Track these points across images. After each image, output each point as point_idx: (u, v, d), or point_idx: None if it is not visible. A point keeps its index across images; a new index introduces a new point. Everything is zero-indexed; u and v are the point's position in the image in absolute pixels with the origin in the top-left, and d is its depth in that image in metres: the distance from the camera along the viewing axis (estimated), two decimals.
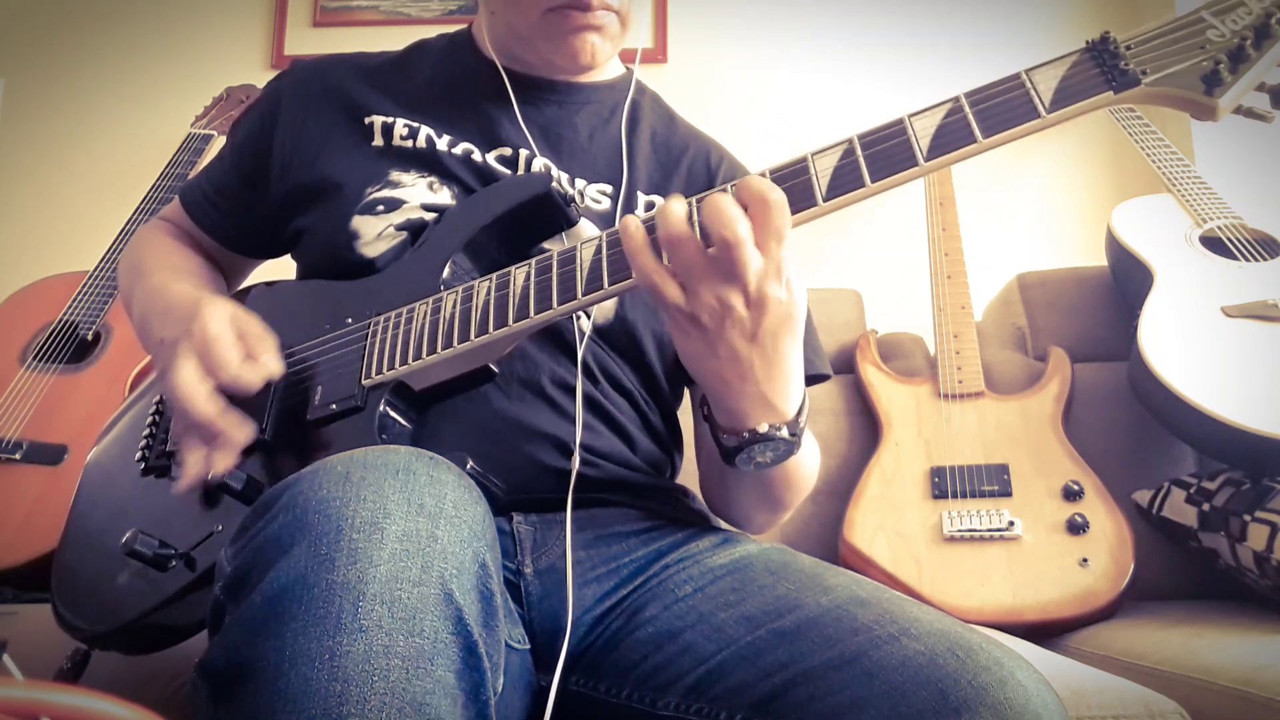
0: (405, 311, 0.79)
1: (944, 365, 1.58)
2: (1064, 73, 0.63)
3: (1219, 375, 1.33)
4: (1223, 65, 0.61)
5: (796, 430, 0.72)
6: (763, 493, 0.86)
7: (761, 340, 0.67)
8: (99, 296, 1.71)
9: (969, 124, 0.64)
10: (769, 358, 0.68)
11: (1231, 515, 1.27)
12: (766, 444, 0.71)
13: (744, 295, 0.65)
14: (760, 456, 0.73)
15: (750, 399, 0.70)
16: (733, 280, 0.64)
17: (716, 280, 0.64)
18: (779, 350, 0.68)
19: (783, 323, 0.67)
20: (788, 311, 0.67)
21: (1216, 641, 1.08)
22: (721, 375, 0.69)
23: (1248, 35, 0.61)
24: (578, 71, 0.94)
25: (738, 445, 0.72)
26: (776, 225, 0.64)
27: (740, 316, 0.66)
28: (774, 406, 0.70)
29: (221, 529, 0.75)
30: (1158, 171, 1.72)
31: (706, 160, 0.99)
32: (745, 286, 0.64)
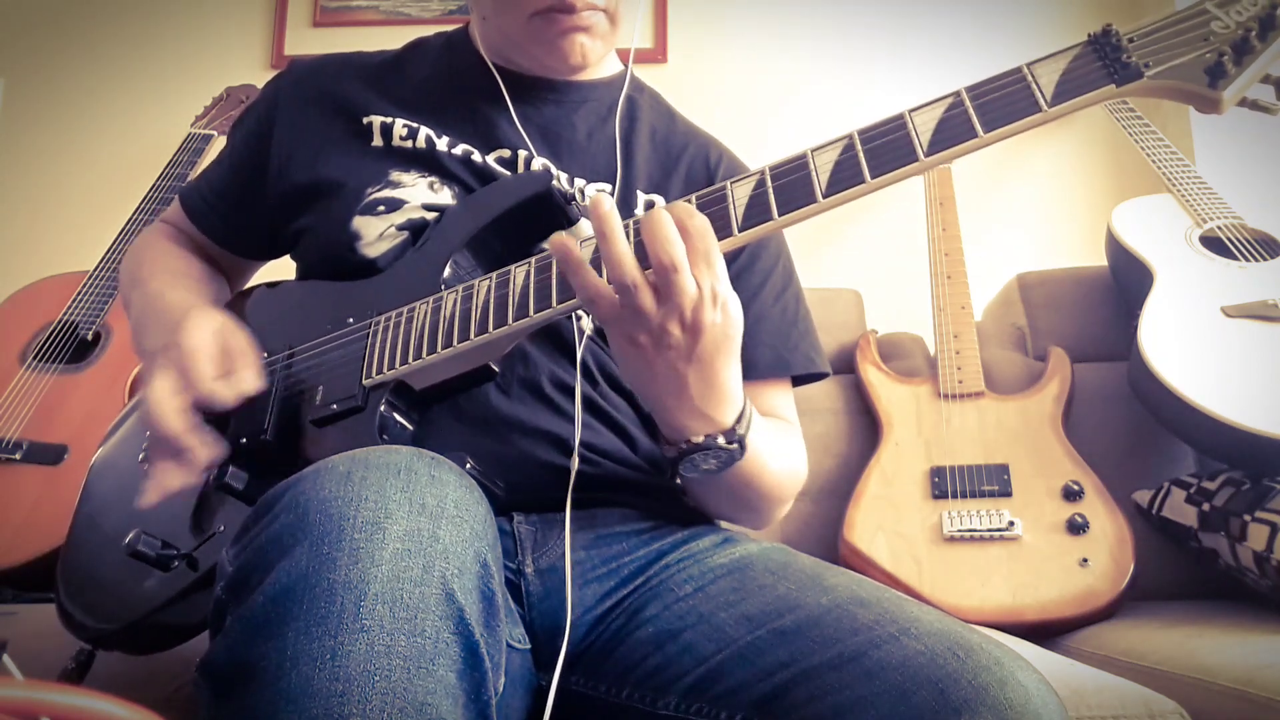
0: (406, 311, 0.79)
1: (944, 365, 1.58)
2: (1066, 66, 0.63)
3: (1219, 375, 1.33)
4: (1226, 57, 0.60)
5: (734, 437, 0.72)
6: (730, 498, 0.85)
7: (697, 361, 0.68)
8: (99, 297, 1.70)
9: (970, 118, 0.63)
10: (705, 377, 0.69)
11: (1231, 515, 1.27)
12: (706, 453, 0.72)
13: (680, 321, 0.66)
14: (704, 464, 0.74)
15: (687, 413, 0.71)
16: (669, 305, 0.65)
17: (654, 304, 0.65)
18: (714, 370, 0.69)
19: (718, 345, 0.68)
20: (724, 333, 0.67)
21: (1216, 641, 1.08)
22: (659, 393, 0.71)
23: (1252, 27, 0.60)
24: (570, 72, 0.94)
25: (677, 456, 0.73)
26: (703, 250, 0.65)
27: (676, 339, 0.67)
28: (710, 418, 0.71)
29: (224, 529, 0.75)
30: (1158, 171, 1.72)
31: (706, 158, 0.99)
32: (681, 312, 0.65)
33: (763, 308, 0.93)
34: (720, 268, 0.66)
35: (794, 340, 0.93)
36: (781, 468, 0.84)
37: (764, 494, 0.84)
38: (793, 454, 0.89)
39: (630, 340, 0.68)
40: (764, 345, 0.92)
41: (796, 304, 0.96)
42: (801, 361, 0.93)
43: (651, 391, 0.72)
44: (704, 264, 0.65)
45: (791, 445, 0.90)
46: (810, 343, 0.95)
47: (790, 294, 0.96)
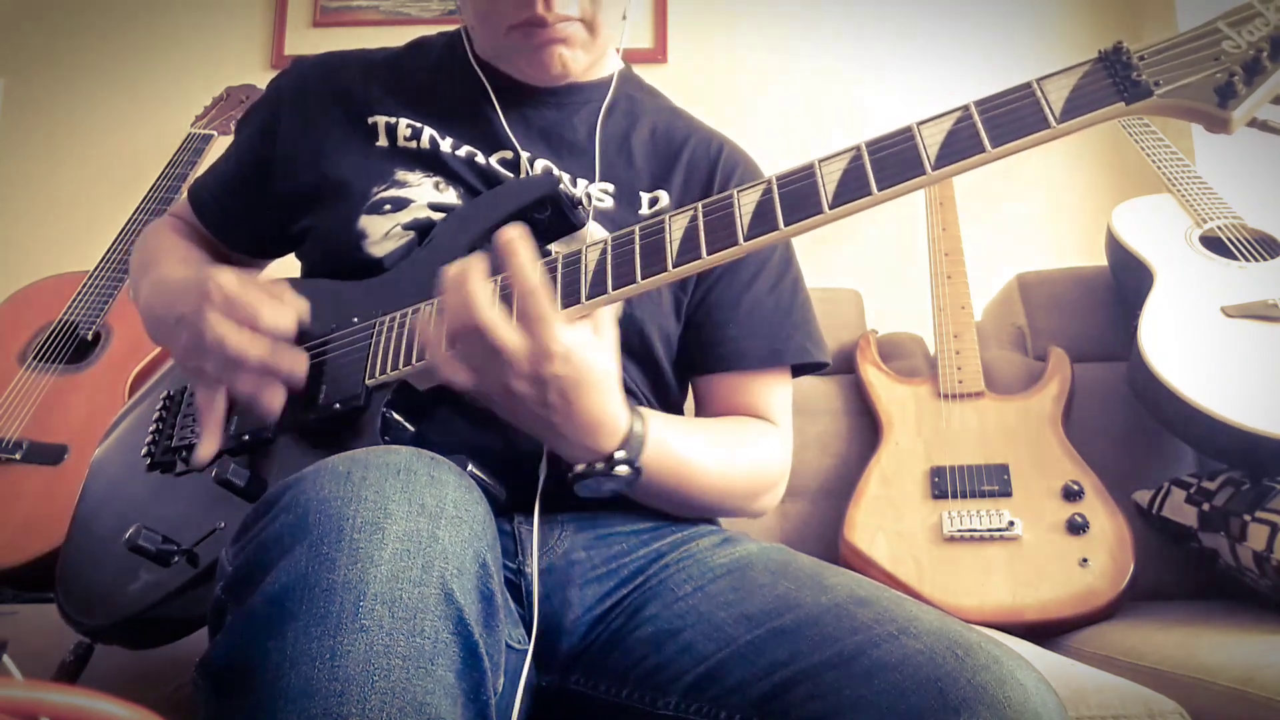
0: (410, 311, 0.79)
1: (944, 365, 1.58)
2: (1075, 82, 0.62)
3: (1219, 375, 1.33)
4: (1237, 77, 0.60)
5: (616, 463, 0.73)
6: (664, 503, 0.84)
7: (552, 405, 0.69)
8: (99, 296, 1.70)
9: (978, 133, 0.63)
10: (567, 415, 0.70)
11: (1231, 515, 1.27)
12: (596, 478, 0.74)
13: (519, 375, 0.67)
14: (604, 486, 0.75)
15: (565, 446, 0.73)
16: (503, 363, 0.67)
17: (491, 363, 0.67)
18: (574, 409, 0.70)
19: (572, 389, 0.69)
20: (571, 379, 0.68)
21: (1216, 641, 1.08)
22: (529, 430, 0.73)
23: (1264, 47, 0.60)
24: (552, 81, 0.94)
25: (571, 480, 0.75)
26: (534, 312, 0.66)
27: (523, 390, 0.68)
28: (588, 448, 0.73)
29: (224, 525, 0.75)
30: (1158, 171, 1.72)
31: (707, 149, 0.98)
32: (517, 368, 0.67)
33: (756, 298, 0.92)
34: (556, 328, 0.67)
35: (787, 331, 0.93)
36: (720, 468, 0.84)
37: (702, 494, 0.83)
38: (745, 449, 0.88)
39: (486, 396, 0.70)
40: (757, 336, 0.91)
41: (793, 294, 0.96)
42: (795, 351, 0.93)
43: (524, 429, 0.73)
44: (538, 324, 0.66)
45: (744, 440, 0.89)
46: (806, 332, 0.95)
47: (786, 284, 0.95)
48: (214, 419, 0.80)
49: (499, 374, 0.68)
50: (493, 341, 0.66)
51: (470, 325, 0.66)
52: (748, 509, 0.89)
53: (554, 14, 0.86)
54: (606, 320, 0.71)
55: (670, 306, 0.91)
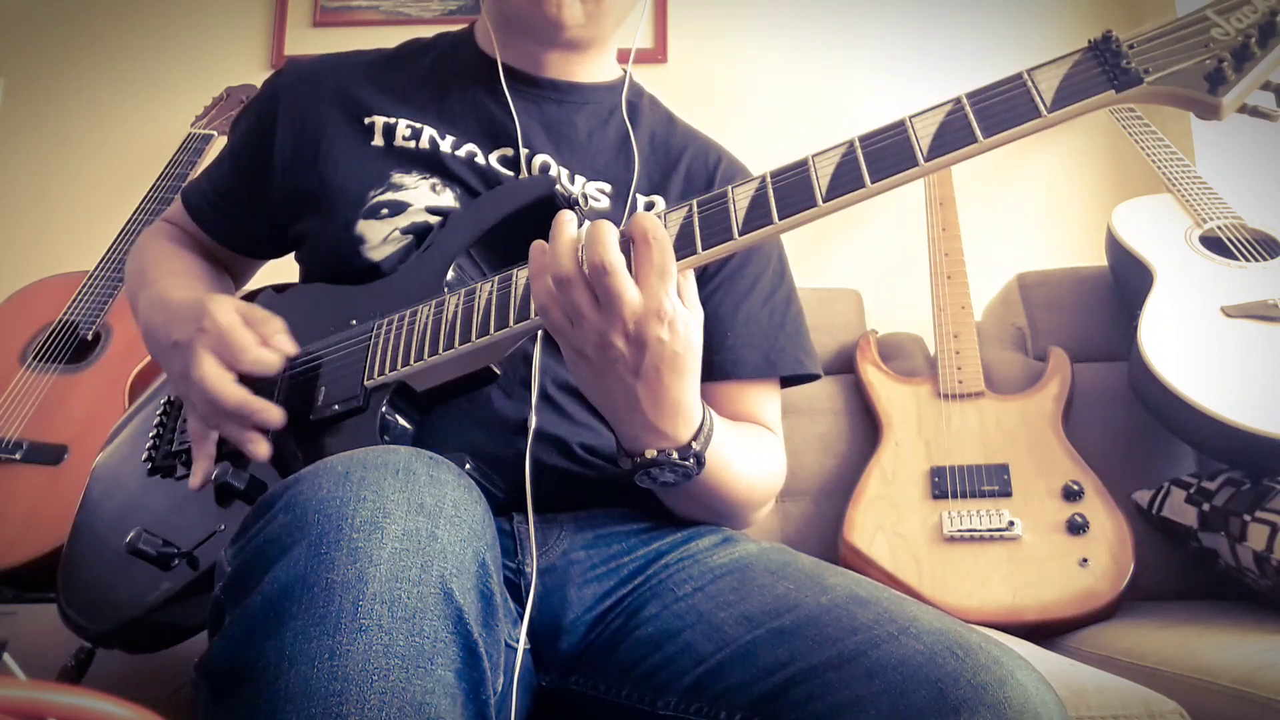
0: (408, 314, 0.79)
1: (944, 365, 1.58)
2: (1066, 72, 0.63)
3: (1219, 375, 1.33)
4: (1226, 64, 0.60)
5: (689, 454, 0.72)
6: (694, 506, 0.84)
7: (645, 376, 0.67)
8: (99, 296, 1.71)
9: (970, 124, 0.63)
10: (654, 392, 0.68)
11: (1231, 515, 1.27)
12: (661, 467, 0.72)
13: (623, 333, 0.65)
14: (662, 478, 0.73)
15: (639, 426, 0.71)
16: (611, 317, 0.64)
17: (597, 316, 0.65)
18: (664, 386, 0.68)
19: (667, 362, 0.67)
20: (672, 350, 0.66)
21: (1216, 641, 1.08)
22: (609, 404, 0.71)
23: (1252, 33, 0.60)
24: (548, 28, 0.91)
25: (632, 469, 0.73)
26: (657, 262, 0.64)
27: (621, 353, 0.66)
28: (664, 433, 0.71)
29: (224, 528, 0.76)
30: (1158, 171, 1.72)
31: (705, 159, 0.99)
32: (624, 325, 0.64)
33: (752, 309, 0.93)
34: (673, 286, 0.65)
35: (781, 342, 0.93)
36: (750, 476, 0.84)
37: (730, 501, 0.83)
38: (765, 460, 0.89)
39: (577, 352, 0.68)
40: (751, 347, 0.92)
41: (786, 306, 0.96)
42: (789, 363, 0.93)
43: (603, 404, 0.72)
44: (655, 277, 0.64)
45: (764, 452, 0.89)
46: (799, 344, 0.95)
47: (780, 296, 0.96)
48: (205, 448, 0.80)
49: (602, 325, 0.65)
50: (613, 286, 0.63)
51: (597, 263, 0.63)
52: (751, 519, 0.89)
53: None
54: (696, 299, 0.69)
55: None
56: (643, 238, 0.64)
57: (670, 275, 0.64)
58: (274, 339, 0.80)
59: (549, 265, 0.65)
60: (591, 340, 0.66)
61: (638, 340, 0.65)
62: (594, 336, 0.65)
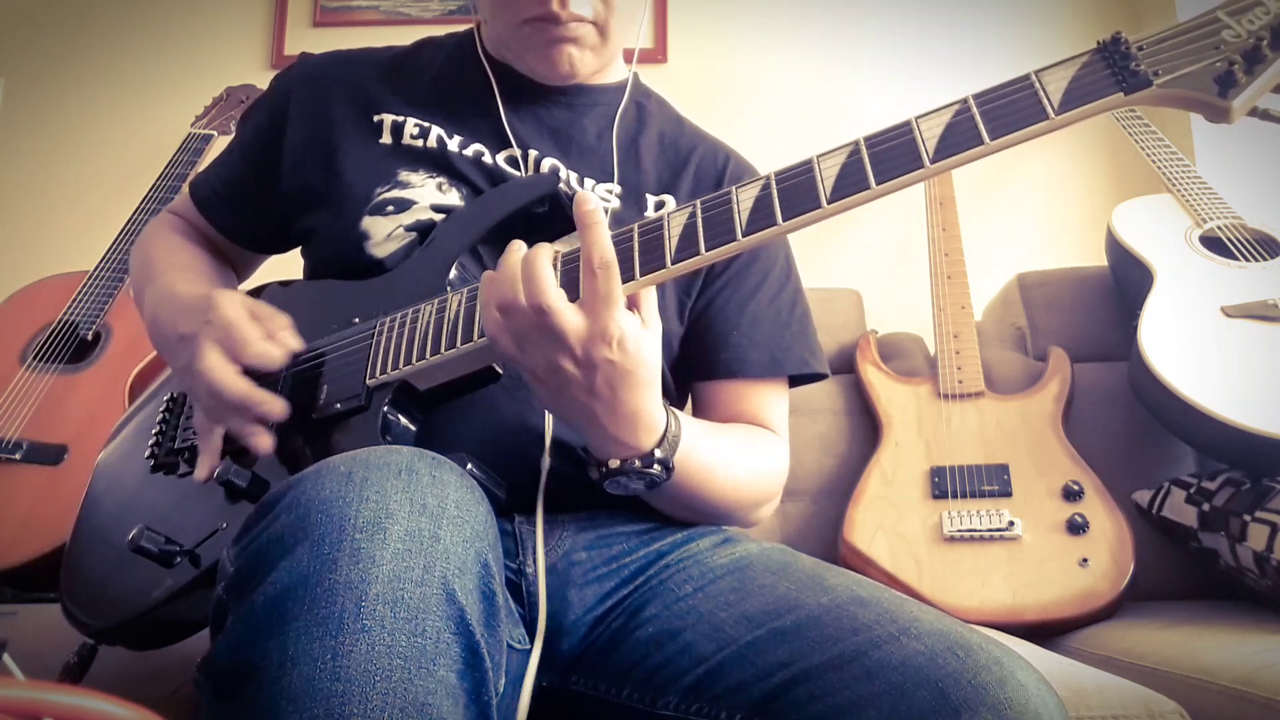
0: (411, 312, 0.79)
1: (944, 365, 1.58)
2: (1074, 74, 0.62)
3: (1219, 375, 1.33)
4: (1237, 66, 0.59)
5: (652, 461, 0.72)
6: (677, 508, 0.84)
7: (599, 393, 0.68)
8: (99, 296, 1.70)
9: (976, 125, 0.62)
10: (610, 407, 0.69)
11: (1231, 515, 1.27)
12: (626, 475, 0.73)
13: (571, 357, 0.66)
14: (631, 484, 0.74)
15: (601, 438, 0.72)
16: (557, 343, 0.66)
17: (543, 342, 0.66)
18: (619, 401, 0.69)
19: (620, 379, 0.68)
20: (623, 369, 0.67)
21: (1216, 641, 1.08)
22: (568, 419, 0.72)
23: (1264, 36, 0.59)
24: (561, 80, 0.94)
25: (599, 478, 0.74)
26: (603, 291, 0.65)
27: (573, 374, 0.67)
28: (625, 443, 0.72)
29: (226, 526, 0.75)
30: (1158, 171, 1.72)
31: (714, 159, 0.99)
32: (571, 350, 0.66)
33: (759, 308, 0.93)
34: (619, 309, 0.66)
35: (788, 341, 0.93)
36: (736, 477, 0.84)
37: (714, 503, 0.83)
38: (757, 461, 0.88)
39: (532, 376, 0.69)
40: (758, 346, 0.91)
41: (793, 305, 0.96)
42: (795, 362, 0.93)
43: (565, 420, 0.73)
44: (600, 303, 0.65)
45: (757, 452, 0.89)
46: (806, 344, 0.95)
47: (787, 295, 0.96)
48: (211, 443, 0.80)
49: (550, 352, 0.66)
50: (554, 323, 0.65)
51: (535, 304, 0.65)
52: (749, 519, 0.89)
53: (568, 12, 0.86)
54: (654, 313, 0.70)
55: (674, 309, 0.91)
56: (588, 267, 0.65)
57: (615, 300, 0.66)
58: (279, 334, 0.81)
59: (492, 295, 0.67)
60: (541, 365, 0.68)
61: (586, 363, 0.67)
62: (543, 361, 0.67)
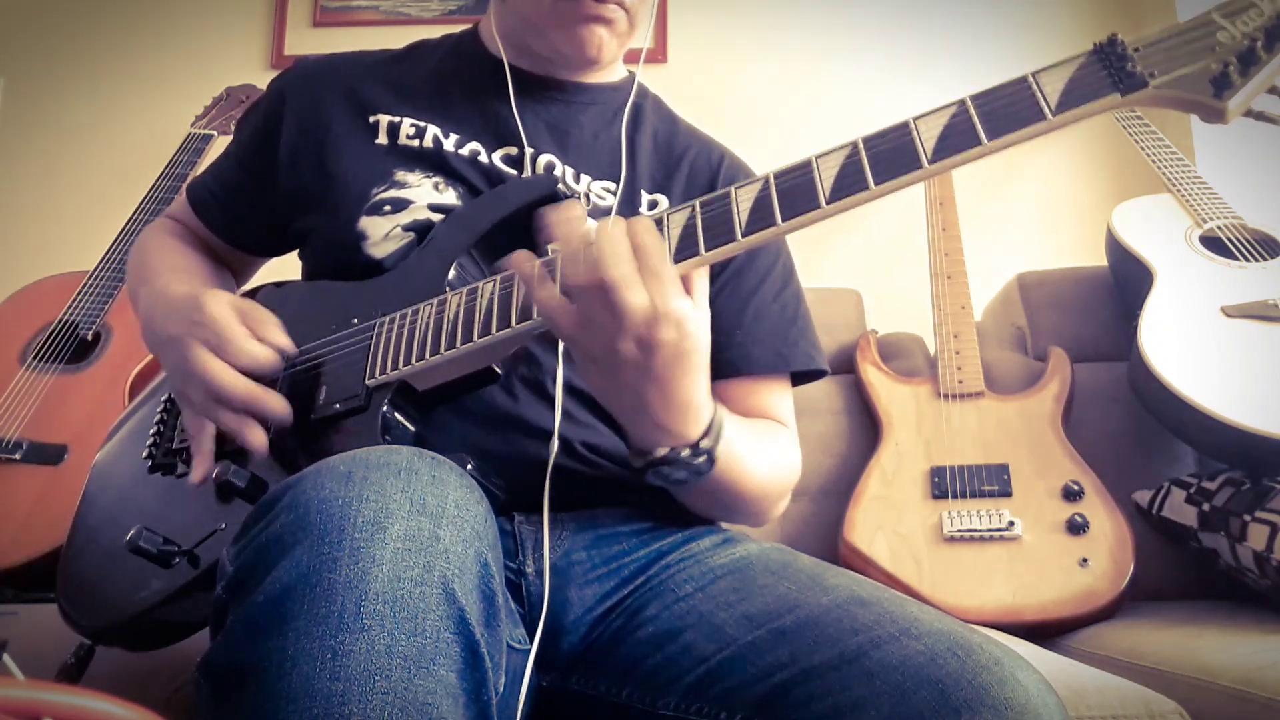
0: (410, 312, 0.79)
1: (944, 365, 1.58)
2: (1071, 75, 0.62)
3: (1219, 375, 1.33)
4: (1232, 67, 0.60)
5: (700, 452, 0.72)
6: (709, 503, 0.84)
7: (655, 376, 0.67)
8: (99, 296, 1.70)
9: (974, 126, 0.63)
10: (663, 393, 0.68)
11: (1231, 515, 1.27)
12: (671, 465, 0.72)
13: (634, 338, 0.65)
14: (674, 475, 0.73)
15: (649, 428, 0.71)
16: (619, 323, 0.64)
17: (606, 321, 0.65)
18: (673, 386, 0.68)
19: (676, 360, 0.67)
20: (680, 350, 0.66)
21: (1216, 641, 1.08)
22: (618, 405, 0.72)
23: (1258, 37, 0.60)
24: (583, 63, 0.94)
25: (643, 466, 0.73)
26: (652, 267, 0.64)
27: (632, 355, 0.66)
28: (674, 432, 0.71)
29: (225, 526, 0.75)
30: (1158, 171, 1.72)
31: (709, 158, 0.99)
32: (634, 330, 0.65)
33: (761, 305, 0.93)
34: (678, 286, 0.66)
35: (792, 338, 0.94)
36: (765, 472, 0.84)
37: (745, 497, 0.83)
38: (780, 456, 0.88)
39: (588, 357, 0.68)
40: (762, 343, 0.92)
41: (795, 302, 0.96)
42: (800, 359, 0.93)
43: (614, 406, 0.72)
44: (654, 281, 0.64)
45: (779, 447, 0.89)
46: (809, 340, 0.95)
47: (789, 292, 0.96)
48: (204, 445, 0.80)
49: (611, 332, 0.65)
50: (618, 298, 0.63)
51: (599, 280, 0.63)
52: (769, 514, 0.89)
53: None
54: (704, 296, 0.70)
55: None
56: (645, 247, 0.64)
57: (666, 279, 0.65)
58: (267, 334, 0.80)
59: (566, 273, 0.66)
60: (600, 346, 0.66)
61: (647, 344, 0.65)
62: (603, 342, 0.66)
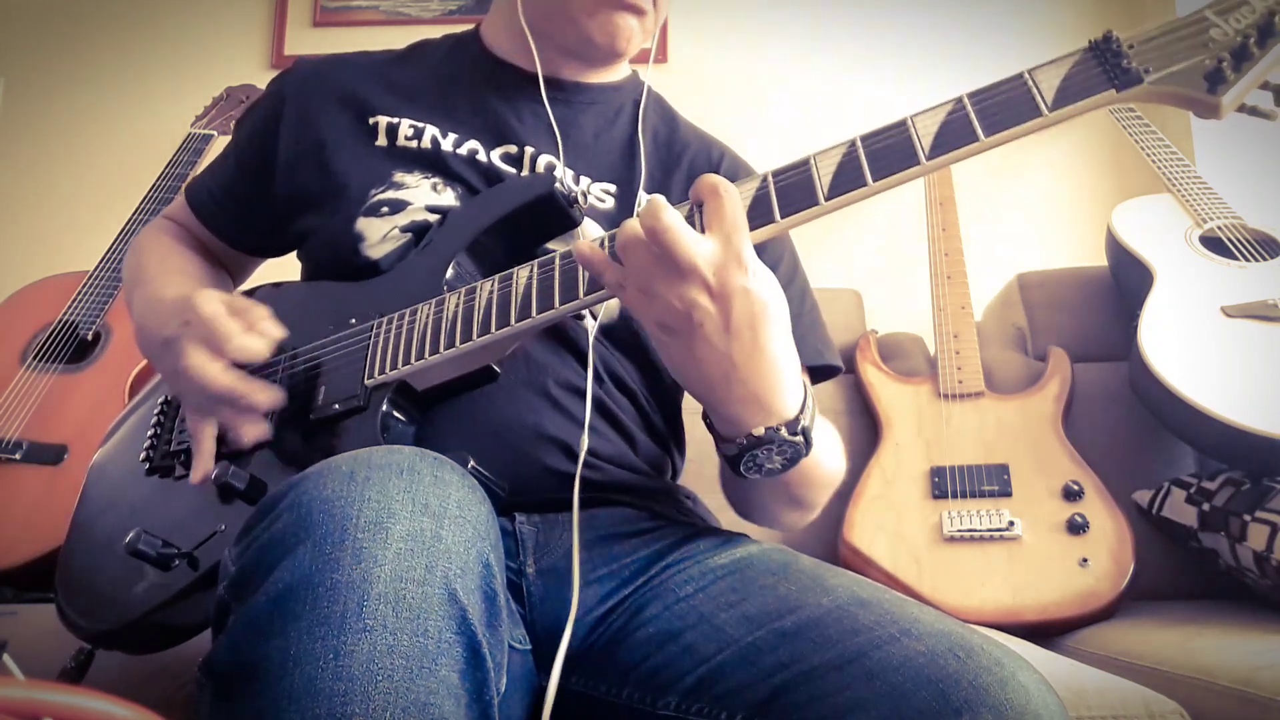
0: (409, 312, 0.79)
1: (944, 365, 1.59)
2: (1067, 71, 0.63)
3: (1219, 375, 1.33)
4: (1225, 63, 0.61)
5: (798, 429, 0.68)
6: (782, 493, 0.82)
7: (738, 332, 0.64)
8: (99, 296, 1.70)
9: (971, 123, 0.64)
10: (750, 352, 0.64)
11: (1231, 515, 1.27)
12: (769, 448, 0.68)
13: (705, 288, 0.62)
14: (768, 462, 0.69)
15: (739, 401, 0.67)
16: (686, 274, 0.62)
17: (671, 277, 0.62)
18: (759, 342, 0.64)
19: (759, 314, 0.64)
20: (761, 300, 0.64)
21: (1216, 641, 1.08)
22: (705, 378, 0.66)
23: (1251, 34, 0.61)
24: (609, 54, 0.94)
25: (738, 452, 0.69)
26: (730, 213, 0.62)
27: (707, 311, 0.63)
28: (768, 406, 0.67)
29: (225, 528, 0.75)
30: (1158, 171, 1.72)
31: (708, 156, 0.99)
32: (702, 278, 0.62)
33: None
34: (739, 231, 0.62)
35: (800, 332, 0.92)
36: (832, 461, 0.82)
37: (819, 490, 0.81)
38: (837, 448, 0.87)
39: (661, 326, 0.65)
40: None
41: (803, 297, 0.96)
42: (809, 353, 0.92)
43: (698, 378, 0.67)
44: (730, 226, 0.61)
45: (833, 439, 0.87)
46: (818, 335, 0.95)
47: (796, 287, 0.96)
48: (205, 446, 0.80)
49: (680, 288, 0.61)
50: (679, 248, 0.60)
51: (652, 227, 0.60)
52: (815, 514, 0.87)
53: None
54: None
55: None
56: (711, 190, 0.62)
57: (741, 223, 0.62)
58: (259, 324, 0.80)
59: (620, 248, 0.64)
60: (673, 307, 0.63)
61: (722, 292, 0.62)
62: (675, 301, 0.62)
